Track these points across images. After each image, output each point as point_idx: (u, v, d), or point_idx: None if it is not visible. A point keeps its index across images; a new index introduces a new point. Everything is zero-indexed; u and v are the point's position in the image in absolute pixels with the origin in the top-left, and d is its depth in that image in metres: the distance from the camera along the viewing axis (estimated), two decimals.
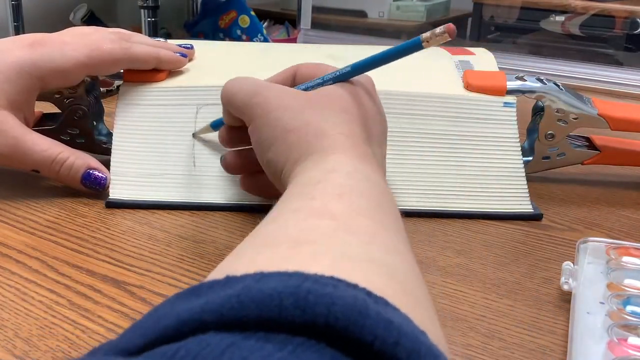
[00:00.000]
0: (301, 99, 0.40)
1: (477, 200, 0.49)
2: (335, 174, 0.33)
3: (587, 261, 0.40)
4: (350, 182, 0.32)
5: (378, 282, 0.23)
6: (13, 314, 0.35)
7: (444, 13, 1.95)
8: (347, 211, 0.29)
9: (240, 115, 0.42)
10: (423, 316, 0.22)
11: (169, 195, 0.49)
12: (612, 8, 1.40)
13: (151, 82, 0.51)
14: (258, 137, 0.40)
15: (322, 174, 0.33)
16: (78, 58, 0.48)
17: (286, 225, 0.28)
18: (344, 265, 0.23)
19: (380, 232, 0.28)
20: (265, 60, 0.58)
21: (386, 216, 0.31)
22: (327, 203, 0.29)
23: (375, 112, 0.42)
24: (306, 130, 0.37)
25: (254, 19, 1.70)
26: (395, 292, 0.22)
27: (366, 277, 0.22)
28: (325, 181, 0.32)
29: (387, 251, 0.27)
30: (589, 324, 0.34)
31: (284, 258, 0.24)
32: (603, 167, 0.59)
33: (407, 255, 0.28)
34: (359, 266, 0.24)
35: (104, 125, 0.57)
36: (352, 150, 0.36)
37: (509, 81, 0.52)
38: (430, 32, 0.37)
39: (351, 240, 0.26)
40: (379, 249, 0.26)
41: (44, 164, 0.48)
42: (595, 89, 0.96)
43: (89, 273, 0.40)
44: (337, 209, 0.29)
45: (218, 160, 0.50)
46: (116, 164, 0.50)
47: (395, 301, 0.21)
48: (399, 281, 0.24)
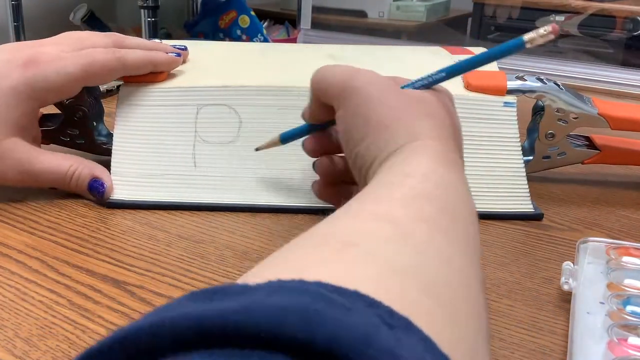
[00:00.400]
0: (399, 94, 0.39)
1: (477, 200, 0.49)
2: (412, 178, 0.32)
3: (587, 261, 0.40)
4: (424, 186, 0.31)
5: (412, 296, 0.22)
6: (13, 314, 0.35)
7: (444, 13, 1.95)
8: (410, 216, 0.28)
9: (332, 100, 0.40)
10: (457, 335, 0.22)
11: (169, 195, 0.49)
12: (612, 8, 1.40)
13: (151, 83, 0.51)
14: (350, 126, 0.38)
15: (399, 177, 0.32)
16: (73, 74, 0.48)
17: (344, 226, 0.27)
18: (382, 275, 0.23)
19: (438, 240, 0.27)
20: (265, 60, 0.58)
21: (454, 223, 0.29)
22: (392, 207, 0.29)
23: (459, 123, 0.41)
24: (401, 129, 0.36)
25: (254, 19, 1.70)
26: (428, 309, 0.22)
27: (402, 290, 0.22)
28: (398, 185, 0.31)
29: (440, 262, 0.26)
30: (589, 324, 0.34)
31: (326, 260, 0.23)
32: (603, 167, 0.59)
33: (462, 266, 0.27)
34: (399, 278, 0.23)
35: (104, 125, 0.57)
36: (440, 157, 0.34)
37: (509, 81, 0.52)
38: (534, 31, 0.37)
39: (403, 248, 0.25)
40: (429, 260, 0.25)
41: (57, 182, 0.49)
42: (595, 89, 0.96)
43: (89, 273, 0.40)
44: (400, 214, 0.28)
45: (218, 160, 0.50)
46: (117, 165, 0.50)
47: (423, 319, 0.20)
48: (438, 295, 0.23)
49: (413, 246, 0.26)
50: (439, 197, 0.31)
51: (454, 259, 0.27)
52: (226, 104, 0.50)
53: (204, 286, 0.39)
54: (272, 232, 0.46)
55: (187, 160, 0.50)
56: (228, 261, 0.42)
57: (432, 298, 0.23)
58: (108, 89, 0.75)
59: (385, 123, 0.37)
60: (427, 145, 0.35)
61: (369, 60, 0.60)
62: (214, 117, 0.50)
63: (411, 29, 1.82)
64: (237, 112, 0.50)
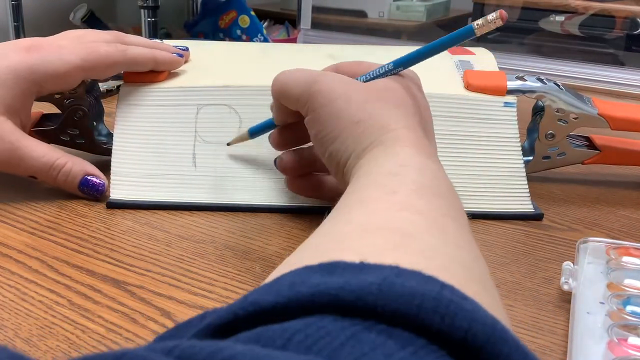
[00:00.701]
0: (362, 90, 0.39)
1: (477, 200, 0.49)
2: (409, 168, 0.33)
3: (587, 261, 0.40)
4: (423, 180, 0.32)
5: (474, 288, 0.22)
6: (13, 314, 0.35)
7: (444, 13, 1.95)
8: (429, 209, 0.29)
9: (297, 106, 0.41)
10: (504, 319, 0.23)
11: (169, 195, 0.49)
12: (612, 8, 1.40)
13: (151, 83, 0.51)
14: (320, 129, 0.39)
15: (395, 167, 0.33)
16: (74, 62, 0.48)
17: (382, 214, 0.28)
18: (448, 267, 0.23)
19: (463, 234, 0.28)
20: (265, 60, 0.58)
21: (459, 216, 0.30)
22: (409, 198, 0.29)
23: (426, 107, 0.42)
24: (371, 122, 0.37)
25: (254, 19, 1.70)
26: (487, 301, 0.22)
27: (466, 282, 0.22)
28: (401, 175, 0.32)
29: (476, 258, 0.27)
30: (589, 324, 0.34)
31: (394, 248, 0.24)
32: (603, 167, 0.59)
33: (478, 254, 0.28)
34: (459, 269, 0.24)
35: (104, 125, 0.57)
36: (416, 144, 0.35)
37: (509, 81, 0.52)
38: (483, 18, 0.37)
39: (447, 240, 0.26)
40: (467, 254, 0.26)
41: (41, 170, 0.48)
42: (595, 89, 0.96)
43: (89, 273, 0.40)
44: (422, 207, 0.29)
45: (218, 160, 0.50)
46: (117, 165, 0.50)
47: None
48: (485, 286, 0.24)
49: (451, 241, 0.27)
50: (438, 189, 0.32)
51: (474, 247, 0.28)
52: (226, 104, 0.50)
53: (204, 286, 0.39)
54: (272, 232, 0.46)
55: (187, 160, 0.50)
56: (228, 261, 0.42)
57: (486, 290, 0.24)
58: (108, 89, 0.75)
59: (355, 119, 0.37)
60: (402, 135, 0.36)
61: (369, 60, 0.60)
62: (214, 117, 0.50)
63: (411, 29, 1.82)
64: (237, 112, 0.50)
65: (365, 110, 0.38)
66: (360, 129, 0.37)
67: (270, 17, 2.18)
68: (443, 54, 0.60)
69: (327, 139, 0.38)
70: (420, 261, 0.23)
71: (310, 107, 0.39)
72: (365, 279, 0.19)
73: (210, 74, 0.53)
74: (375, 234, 0.26)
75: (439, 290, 0.19)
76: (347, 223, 0.28)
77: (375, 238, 0.25)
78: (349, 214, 0.29)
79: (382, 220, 0.27)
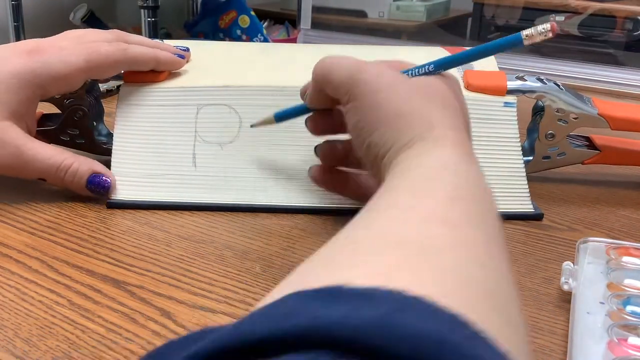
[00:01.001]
0: (409, 84, 0.38)
1: None
2: (448, 171, 0.31)
3: (587, 261, 0.40)
4: (462, 184, 0.31)
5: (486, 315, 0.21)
6: (13, 314, 0.35)
7: (444, 13, 1.95)
8: (463, 220, 0.27)
9: (338, 93, 0.40)
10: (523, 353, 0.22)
11: (169, 195, 0.49)
12: (612, 8, 1.40)
13: (152, 83, 0.51)
14: (361, 118, 0.38)
15: (434, 170, 0.32)
16: (77, 63, 0.48)
17: (404, 225, 0.27)
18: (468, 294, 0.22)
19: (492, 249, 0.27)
20: (265, 60, 0.58)
21: (494, 225, 0.29)
22: (442, 207, 0.28)
23: (467, 111, 0.40)
24: (415, 117, 0.36)
25: (254, 19, 1.70)
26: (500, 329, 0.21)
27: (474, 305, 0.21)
28: (438, 180, 0.31)
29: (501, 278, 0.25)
30: (589, 324, 0.34)
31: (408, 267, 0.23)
32: (603, 167, 0.59)
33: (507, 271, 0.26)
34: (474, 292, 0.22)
35: (104, 125, 0.57)
36: (461, 147, 0.34)
37: (509, 81, 0.52)
38: (533, 28, 0.37)
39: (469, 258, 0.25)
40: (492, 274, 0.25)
41: (48, 172, 0.48)
42: (595, 89, 0.96)
43: (89, 273, 0.40)
44: (453, 217, 0.27)
45: (218, 160, 0.50)
46: (117, 165, 0.50)
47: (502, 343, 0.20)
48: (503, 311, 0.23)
49: (476, 259, 0.25)
50: (477, 195, 0.30)
51: (502, 265, 0.26)
52: (226, 104, 0.50)
53: (204, 286, 0.39)
54: (272, 232, 0.46)
55: (187, 160, 0.50)
56: (228, 261, 0.42)
57: (502, 316, 0.22)
58: (108, 89, 0.75)
59: (399, 112, 0.36)
60: (447, 136, 0.35)
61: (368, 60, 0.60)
62: (214, 117, 0.50)
63: (411, 29, 1.82)
64: (237, 112, 0.50)
65: (411, 104, 0.37)
66: (403, 123, 0.36)
67: (270, 17, 2.18)
68: (443, 54, 0.60)
69: (367, 130, 0.37)
70: (434, 285, 0.22)
71: (352, 95, 0.38)
72: (365, 314, 0.18)
73: (211, 74, 0.53)
74: (392, 249, 0.24)
75: (444, 330, 0.18)
76: (368, 230, 0.27)
77: (390, 254, 0.24)
78: (374, 219, 0.28)
79: (403, 231, 0.26)
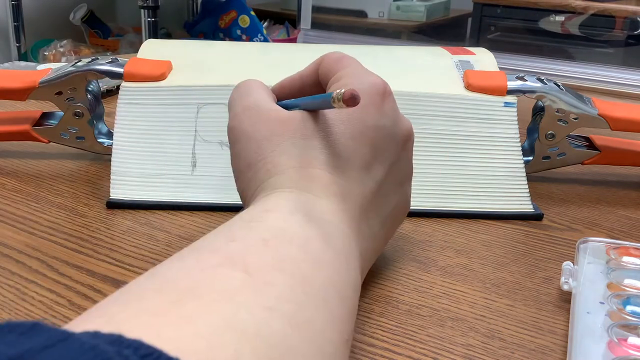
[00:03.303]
0: (269, 126, 0.35)
1: (477, 200, 0.50)
2: (272, 213, 0.30)
3: (587, 261, 0.40)
4: (284, 225, 0.29)
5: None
6: (13, 314, 0.35)
7: (444, 13, 1.95)
8: (267, 263, 0.25)
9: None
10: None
11: (169, 195, 0.49)
12: (612, 8, 1.40)
13: (151, 82, 0.51)
14: (231, 164, 0.38)
15: (258, 213, 0.30)
16: None
17: (191, 270, 0.25)
18: (213, 336, 0.20)
19: (296, 295, 0.24)
20: (265, 60, 0.58)
21: (315, 268, 0.27)
22: (247, 250, 0.26)
23: (363, 132, 0.34)
24: (261, 165, 0.34)
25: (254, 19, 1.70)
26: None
27: (235, 355, 0.20)
28: (257, 221, 0.29)
29: (290, 323, 0.23)
30: (589, 324, 0.34)
31: (158, 313, 0.21)
32: (603, 167, 0.59)
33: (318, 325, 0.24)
34: (237, 340, 0.21)
35: (104, 124, 0.57)
36: (306, 185, 0.32)
37: (509, 81, 0.52)
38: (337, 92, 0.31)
39: (252, 302, 0.23)
40: (278, 320, 0.23)
41: None
42: (595, 89, 0.96)
43: (89, 273, 0.40)
44: (255, 261, 0.25)
45: (218, 160, 0.50)
46: (117, 164, 0.50)
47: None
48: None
49: (264, 302, 0.23)
50: (301, 236, 0.28)
51: (306, 314, 0.24)
52: (226, 103, 0.50)
53: None
54: None
55: (187, 160, 0.50)
56: None
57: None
58: (108, 89, 0.75)
59: (249, 161, 0.35)
60: (290, 176, 0.33)
61: (369, 60, 0.60)
62: (214, 117, 0.50)
63: (411, 29, 1.82)
64: None
65: (260, 152, 0.34)
66: (252, 173, 0.35)
67: (270, 17, 2.18)
68: (443, 54, 0.60)
69: (234, 177, 0.37)
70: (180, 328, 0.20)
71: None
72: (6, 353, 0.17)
73: (211, 73, 0.53)
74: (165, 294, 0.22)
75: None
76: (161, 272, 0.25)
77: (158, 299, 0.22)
78: (178, 259, 0.26)
79: (186, 277, 0.24)
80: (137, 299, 0.22)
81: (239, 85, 0.39)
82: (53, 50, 1.96)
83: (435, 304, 0.37)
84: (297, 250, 0.27)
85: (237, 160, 0.37)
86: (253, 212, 0.30)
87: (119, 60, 0.54)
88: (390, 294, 0.38)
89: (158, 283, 0.24)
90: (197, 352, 0.19)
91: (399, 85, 0.51)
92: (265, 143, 0.34)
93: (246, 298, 0.23)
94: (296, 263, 0.26)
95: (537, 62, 1.05)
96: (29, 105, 0.63)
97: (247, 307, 0.22)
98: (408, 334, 0.35)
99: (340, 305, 0.27)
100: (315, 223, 0.30)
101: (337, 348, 0.25)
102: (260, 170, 0.34)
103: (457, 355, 0.33)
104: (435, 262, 0.42)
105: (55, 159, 0.57)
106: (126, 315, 0.21)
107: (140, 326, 0.20)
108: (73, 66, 0.53)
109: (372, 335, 0.34)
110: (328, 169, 0.33)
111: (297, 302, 0.24)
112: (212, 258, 0.25)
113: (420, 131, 0.50)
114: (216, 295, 0.22)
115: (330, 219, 0.31)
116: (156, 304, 0.22)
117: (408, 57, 0.60)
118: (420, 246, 0.44)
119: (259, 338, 0.21)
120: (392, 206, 0.37)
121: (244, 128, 0.36)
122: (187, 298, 0.22)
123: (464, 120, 0.51)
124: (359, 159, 0.34)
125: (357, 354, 0.33)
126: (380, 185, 0.35)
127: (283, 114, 0.35)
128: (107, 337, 0.18)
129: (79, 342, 0.17)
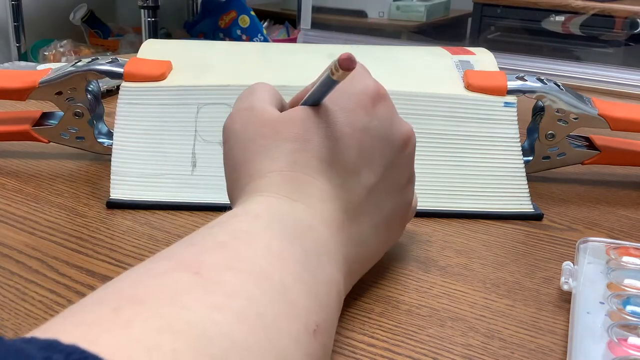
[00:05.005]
0: (256, 127, 0.35)
1: (477, 200, 0.50)
2: (238, 217, 0.30)
3: (587, 261, 0.40)
4: (247, 227, 0.29)
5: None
6: (13, 314, 0.35)
7: (444, 13, 1.95)
8: (220, 263, 0.25)
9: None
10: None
11: (169, 195, 0.49)
12: (612, 8, 1.40)
13: (152, 82, 0.51)
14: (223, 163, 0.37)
15: (225, 218, 0.30)
16: None
17: (140, 278, 0.24)
18: (149, 339, 0.20)
19: (248, 290, 0.24)
20: (265, 60, 0.58)
21: (275, 264, 0.26)
22: (202, 253, 0.26)
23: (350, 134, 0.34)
24: (244, 169, 0.34)
25: (254, 19, 1.70)
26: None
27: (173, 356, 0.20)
28: (219, 227, 0.29)
29: (237, 318, 0.23)
30: (589, 324, 0.34)
31: (95, 323, 0.21)
32: (603, 167, 0.59)
33: (271, 317, 0.24)
34: (172, 341, 0.20)
35: (104, 124, 0.57)
36: (285, 188, 0.32)
37: (509, 81, 0.52)
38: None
39: (197, 303, 0.22)
40: (224, 316, 0.22)
41: None
42: (595, 89, 0.96)
43: (89, 273, 0.40)
44: (208, 261, 0.25)
45: (218, 160, 0.49)
46: (117, 164, 0.50)
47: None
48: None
49: (210, 301, 0.23)
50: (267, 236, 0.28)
51: (260, 310, 0.24)
52: (226, 103, 0.50)
53: None
54: None
55: (187, 160, 0.50)
56: None
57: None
58: (108, 89, 0.75)
59: (235, 162, 0.35)
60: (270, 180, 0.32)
61: (368, 60, 0.60)
62: (214, 117, 0.50)
63: (411, 29, 1.82)
64: None
65: (245, 155, 0.34)
66: (236, 176, 0.34)
67: (270, 17, 2.18)
68: (443, 54, 0.60)
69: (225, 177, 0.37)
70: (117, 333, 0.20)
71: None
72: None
73: (211, 73, 0.53)
74: (108, 303, 0.22)
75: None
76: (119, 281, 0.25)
77: (101, 308, 0.22)
78: (136, 269, 0.26)
79: (139, 285, 0.24)
80: (78, 312, 0.22)
81: (248, 88, 0.39)
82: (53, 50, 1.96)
83: (435, 304, 0.37)
84: (256, 248, 0.27)
85: (225, 160, 0.37)
86: (221, 218, 0.30)
87: (119, 60, 0.54)
88: (390, 294, 0.38)
89: (103, 294, 0.23)
90: (133, 356, 0.19)
91: (399, 85, 0.51)
92: (250, 145, 0.34)
93: (192, 298, 0.23)
94: (254, 260, 0.26)
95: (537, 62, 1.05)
96: (29, 105, 0.63)
97: (191, 307, 0.22)
98: (408, 334, 0.35)
99: (307, 297, 0.26)
100: (282, 224, 0.30)
101: (298, 339, 0.24)
102: (244, 175, 0.34)
103: (457, 355, 0.33)
104: (435, 262, 0.42)
105: (55, 159, 0.57)
106: (63, 328, 0.20)
107: (77, 336, 0.19)
108: (73, 66, 0.53)
109: (372, 335, 0.34)
110: (309, 172, 0.33)
111: (248, 297, 0.24)
112: (166, 264, 0.25)
113: (420, 131, 0.50)
114: (160, 299, 0.22)
115: (304, 221, 0.31)
116: (95, 315, 0.21)
117: (408, 57, 0.60)
118: (420, 246, 0.44)
119: (201, 336, 0.21)
120: (388, 211, 0.36)
121: (235, 128, 0.36)
122: (128, 305, 0.22)
123: (464, 120, 0.51)
124: (343, 161, 0.34)
125: (357, 354, 0.33)
126: (372, 190, 0.35)
127: (272, 115, 0.35)
128: (42, 342, 0.18)
129: (5, 346, 0.17)
